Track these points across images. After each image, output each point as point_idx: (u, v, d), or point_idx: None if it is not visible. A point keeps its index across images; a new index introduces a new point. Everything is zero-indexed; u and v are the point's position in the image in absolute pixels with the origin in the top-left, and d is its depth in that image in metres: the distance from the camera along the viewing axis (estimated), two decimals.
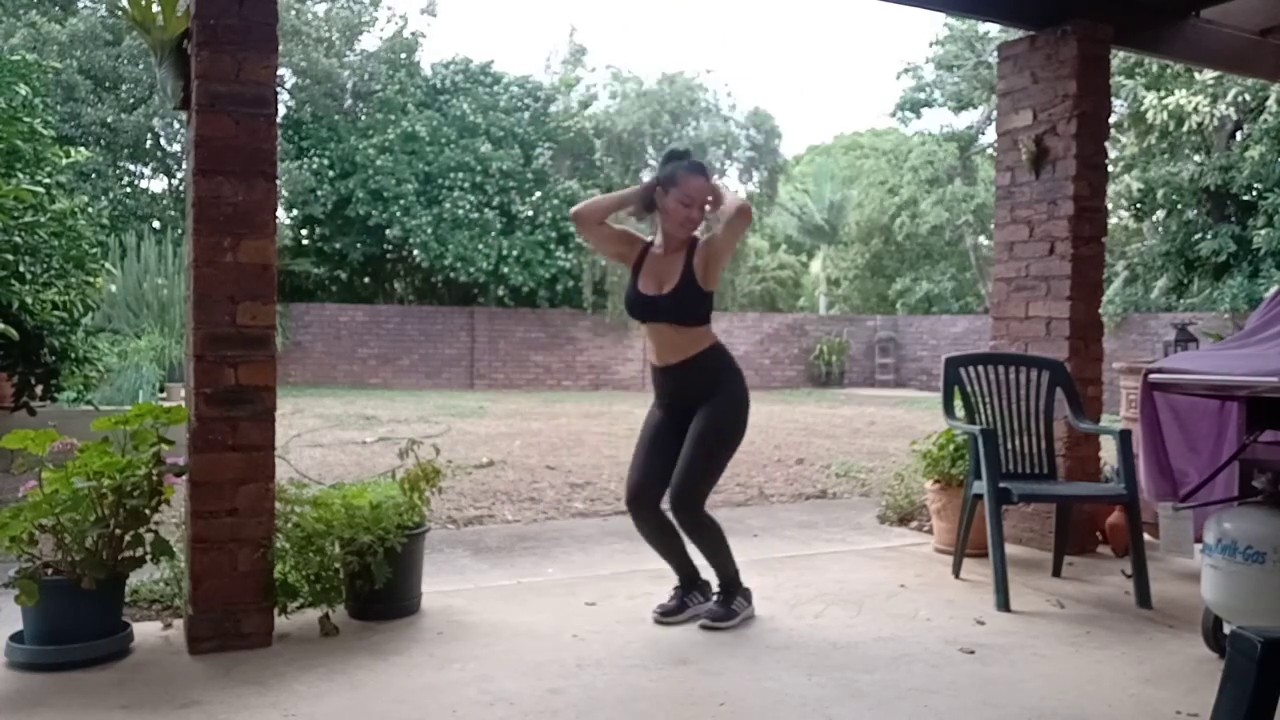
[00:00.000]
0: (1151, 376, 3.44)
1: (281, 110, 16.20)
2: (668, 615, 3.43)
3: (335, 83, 18.46)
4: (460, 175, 18.12)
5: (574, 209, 3.54)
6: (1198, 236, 15.99)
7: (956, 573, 4.14)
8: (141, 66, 16.81)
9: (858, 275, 27.48)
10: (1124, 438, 3.85)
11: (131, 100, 17.27)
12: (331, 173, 17.96)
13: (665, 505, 3.43)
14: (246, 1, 3.05)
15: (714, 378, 3.42)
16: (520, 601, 3.64)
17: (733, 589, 3.49)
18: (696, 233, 3.47)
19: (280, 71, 4.65)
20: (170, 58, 3.17)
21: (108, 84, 17.21)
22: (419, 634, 3.26)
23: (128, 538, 3.06)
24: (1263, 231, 14.63)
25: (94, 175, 15.99)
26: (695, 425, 3.37)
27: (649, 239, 3.54)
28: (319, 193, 17.70)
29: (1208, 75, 14.42)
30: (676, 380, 3.43)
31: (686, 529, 3.42)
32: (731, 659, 3.06)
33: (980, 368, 4.28)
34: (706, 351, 3.42)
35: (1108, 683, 2.90)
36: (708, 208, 3.42)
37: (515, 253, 18.14)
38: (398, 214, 17.76)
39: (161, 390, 9.05)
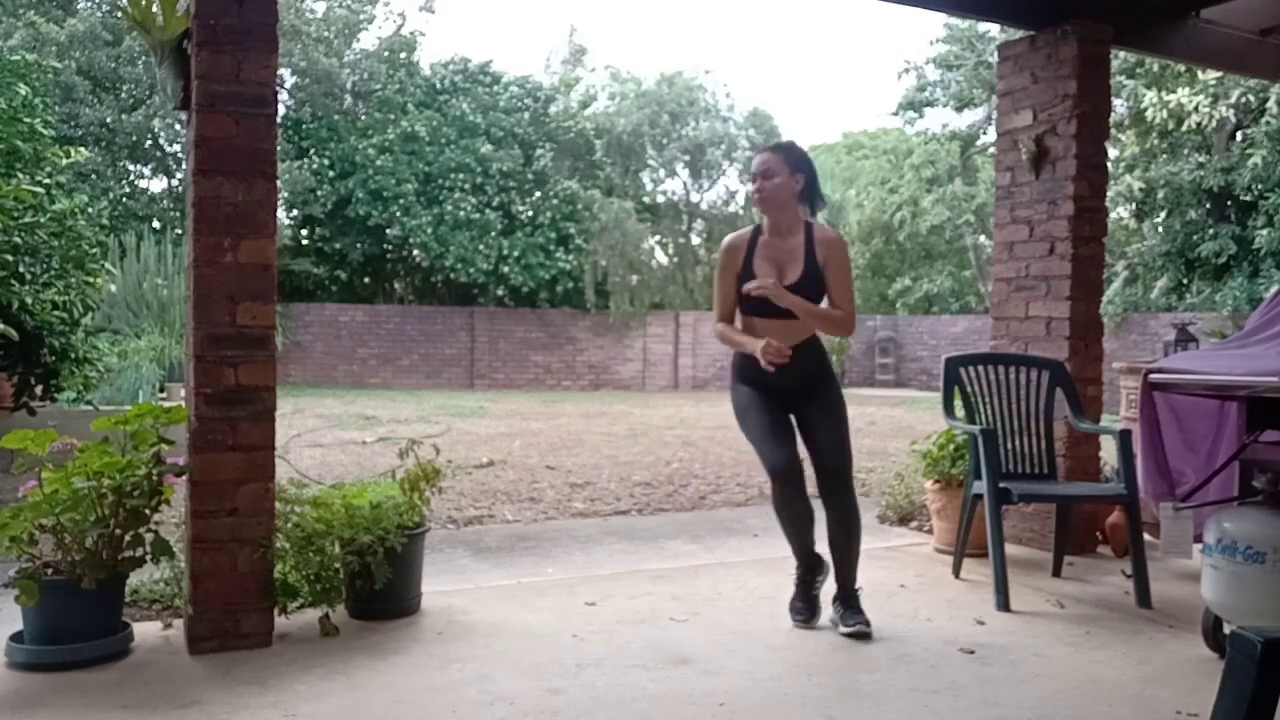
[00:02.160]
0: (1151, 376, 3.45)
1: (281, 110, 16.21)
2: (810, 621, 3.37)
3: (335, 82, 18.47)
4: (460, 176, 18.13)
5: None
6: (1198, 237, 15.99)
7: (956, 573, 4.14)
8: (141, 67, 16.82)
9: (858, 275, 27.43)
10: (1124, 438, 3.85)
11: (131, 101, 17.28)
12: (331, 173, 17.97)
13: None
14: (246, 1, 3.05)
15: (822, 361, 3.48)
16: (520, 601, 3.64)
17: (856, 596, 3.42)
18: (810, 219, 3.48)
19: (280, 71, 4.65)
20: (170, 58, 3.17)
21: (107, 84, 17.22)
22: (419, 634, 3.26)
23: (128, 538, 3.06)
24: (1263, 232, 14.63)
25: (94, 175, 16.00)
26: (827, 407, 3.40)
27: (749, 229, 3.51)
28: (319, 193, 17.71)
29: (1210, 75, 14.42)
30: (797, 361, 3.33)
31: (849, 509, 3.38)
32: (731, 659, 3.06)
33: (980, 368, 4.27)
34: (815, 337, 3.46)
35: (1108, 683, 2.90)
36: (774, 180, 3.39)
37: (516, 253, 18.15)
38: (398, 214, 17.77)
39: (161, 390, 9.05)
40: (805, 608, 3.44)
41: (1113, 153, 15.66)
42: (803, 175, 3.43)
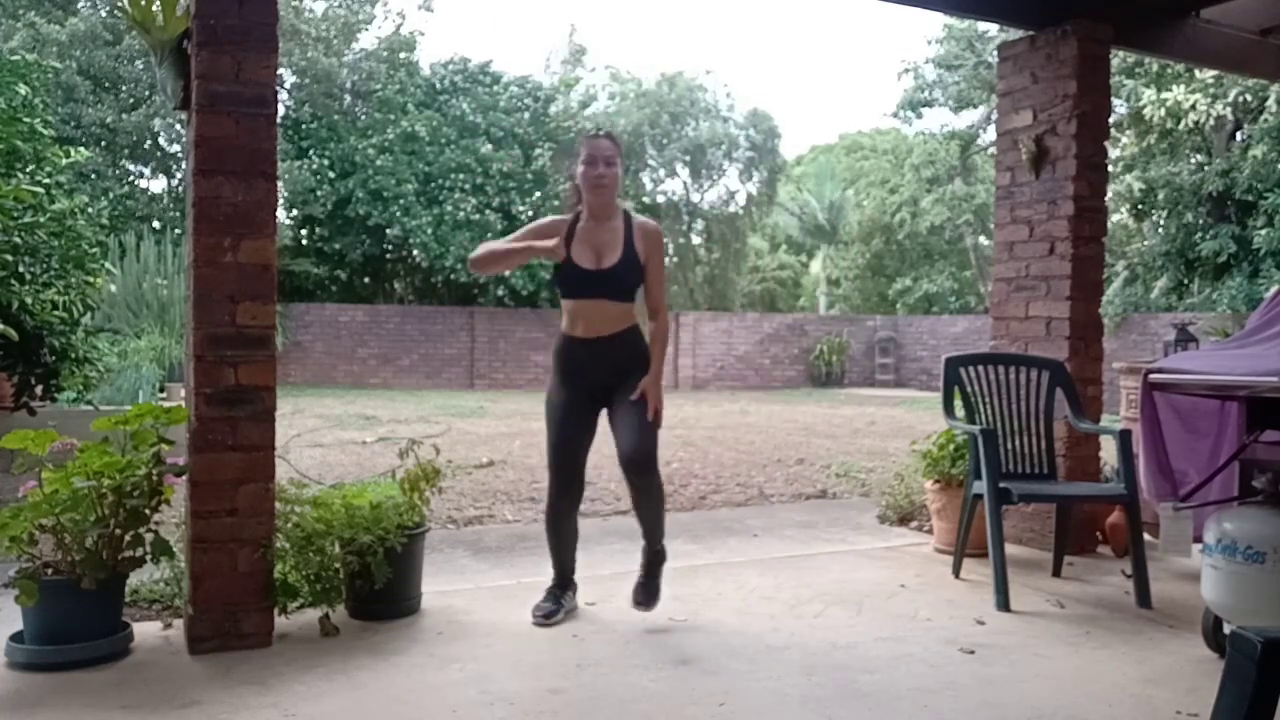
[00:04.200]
0: (1151, 376, 3.44)
1: (281, 110, 16.21)
2: (550, 617, 3.41)
3: (334, 82, 18.48)
4: (460, 176, 18.12)
5: (471, 258, 3.49)
6: (1198, 237, 15.99)
7: (956, 573, 4.14)
8: (141, 67, 16.82)
9: (858, 275, 27.51)
10: (1124, 438, 3.85)
11: (131, 100, 17.27)
12: (331, 173, 17.96)
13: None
14: (246, 1, 3.05)
15: (638, 353, 3.46)
16: (520, 601, 3.64)
17: (659, 560, 3.54)
18: (625, 206, 3.52)
19: (280, 71, 4.65)
20: (170, 58, 3.17)
21: (107, 84, 17.22)
22: (419, 634, 3.26)
23: (128, 538, 3.06)
24: (1263, 232, 14.62)
25: (94, 175, 15.99)
26: (634, 399, 3.39)
27: (571, 216, 3.51)
28: (319, 193, 17.70)
29: (1208, 74, 14.42)
30: (604, 352, 3.42)
31: (647, 490, 3.44)
32: (731, 659, 3.06)
33: (980, 368, 4.27)
34: (634, 327, 3.47)
35: (1108, 683, 2.91)
36: (614, 169, 3.41)
37: None
38: (398, 214, 17.77)
39: (161, 390, 9.04)
40: (549, 608, 3.45)
41: (1112, 153, 15.66)
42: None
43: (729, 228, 21.92)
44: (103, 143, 16.77)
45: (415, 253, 18.13)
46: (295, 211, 18.18)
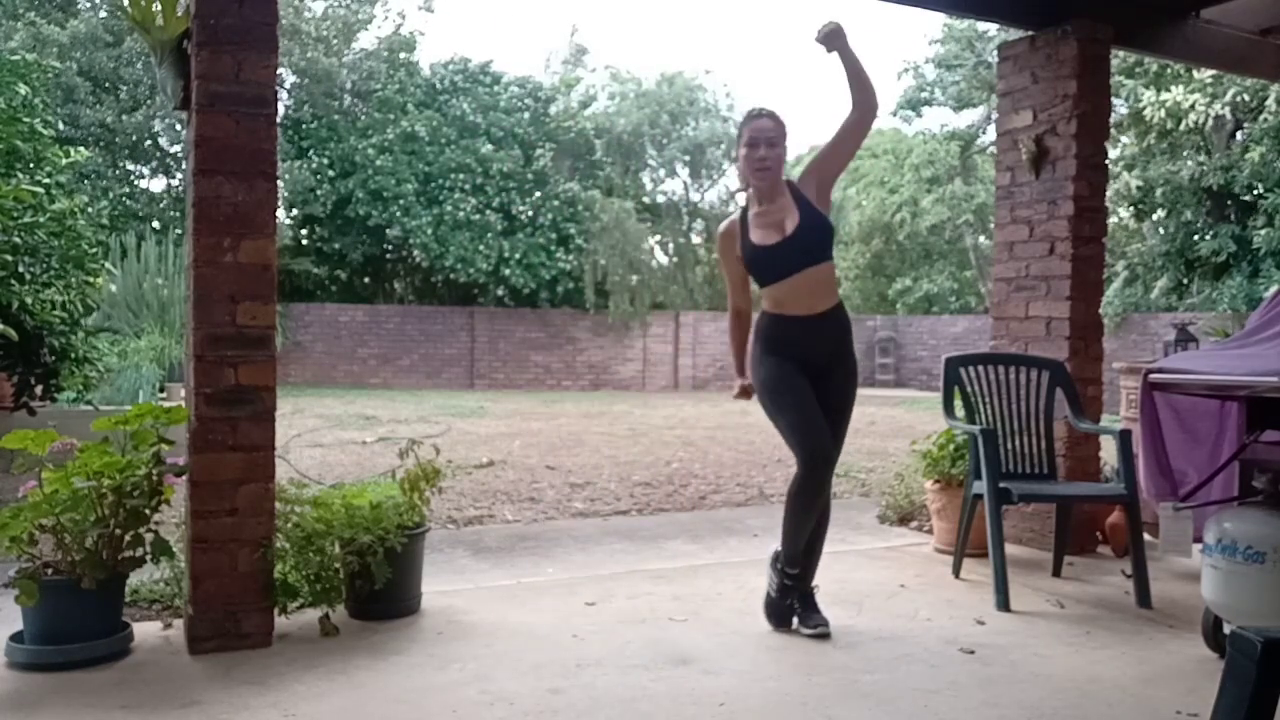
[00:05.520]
0: (1151, 376, 3.44)
1: (281, 110, 16.20)
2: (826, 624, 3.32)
3: (334, 82, 18.46)
4: (460, 176, 18.12)
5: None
6: (1198, 236, 15.99)
7: (956, 573, 4.14)
8: (141, 67, 16.82)
9: (858, 275, 27.48)
10: (1124, 438, 3.85)
11: (131, 101, 17.27)
12: (331, 173, 17.95)
13: None
14: (246, 1, 3.05)
15: (848, 336, 3.38)
16: (520, 601, 3.64)
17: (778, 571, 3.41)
18: (784, 178, 3.36)
19: (280, 71, 4.66)
20: (170, 58, 3.17)
21: (108, 85, 17.22)
22: (419, 634, 3.26)
23: (128, 538, 3.06)
24: (1263, 231, 14.62)
25: (94, 175, 16.00)
26: (841, 393, 3.33)
27: (735, 214, 3.42)
28: (319, 193, 17.70)
29: (1207, 74, 14.42)
30: (828, 327, 3.30)
31: (827, 504, 3.37)
32: (731, 659, 3.06)
33: (980, 368, 4.28)
34: (842, 305, 3.37)
35: (1108, 683, 2.90)
36: (777, 150, 3.28)
37: (516, 254, 18.14)
38: (398, 214, 17.77)
39: (161, 390, 9.05)
40: (820, 617, 3.34)
41: (1112, 153, 15.65)
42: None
43: None
44: (103, 143, 16.76)
45: (415, 253, 18.13)
46: (295, 211, 18.17)
